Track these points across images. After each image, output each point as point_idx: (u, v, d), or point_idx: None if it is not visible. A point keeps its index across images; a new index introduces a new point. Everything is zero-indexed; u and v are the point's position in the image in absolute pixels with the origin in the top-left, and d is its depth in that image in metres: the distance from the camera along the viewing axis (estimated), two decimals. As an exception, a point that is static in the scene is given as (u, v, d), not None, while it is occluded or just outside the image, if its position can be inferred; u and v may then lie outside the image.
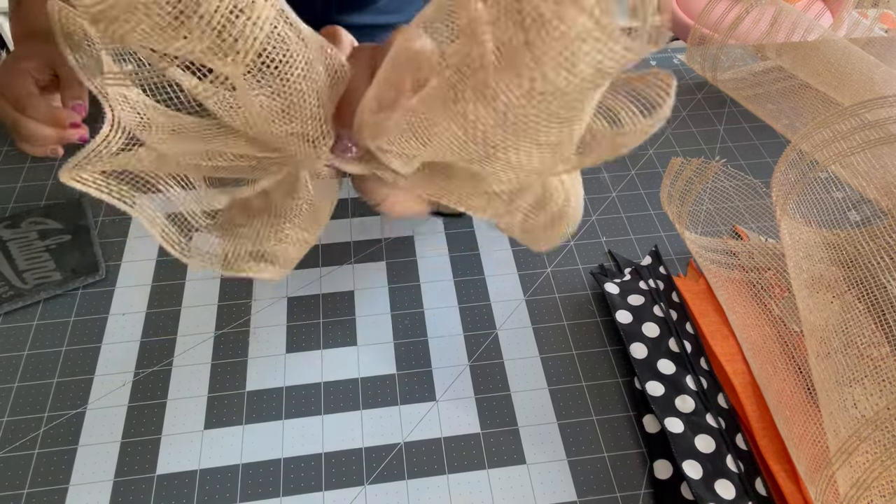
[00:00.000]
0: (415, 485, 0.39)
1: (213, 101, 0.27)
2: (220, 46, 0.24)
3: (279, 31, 0.25)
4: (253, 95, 0.26)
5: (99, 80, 0.31)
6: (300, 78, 0.26)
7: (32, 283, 0.48)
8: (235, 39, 0.24)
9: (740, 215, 0.53)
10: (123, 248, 0.52)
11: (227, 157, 0.32)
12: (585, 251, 0.52)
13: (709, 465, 0.38)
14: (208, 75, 0.26)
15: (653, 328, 0.45)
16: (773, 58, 0.66)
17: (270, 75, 0.25)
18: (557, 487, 0.39)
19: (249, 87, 0.25)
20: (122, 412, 0.42)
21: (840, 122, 0.43)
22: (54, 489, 0.39)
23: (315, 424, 0.42)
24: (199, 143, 0.31)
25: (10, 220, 0.53)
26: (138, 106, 0.31)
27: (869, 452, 0.33)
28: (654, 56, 0.73)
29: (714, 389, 0.42)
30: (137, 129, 0.30)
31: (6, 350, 0.45)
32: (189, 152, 0.31)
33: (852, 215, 0.52)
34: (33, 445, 0.41)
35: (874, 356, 0.37)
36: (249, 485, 0.39)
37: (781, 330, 0.44)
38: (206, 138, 0.31)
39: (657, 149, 0.61)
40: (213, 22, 0.23)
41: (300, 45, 0.26)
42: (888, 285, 0.39)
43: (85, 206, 0.54)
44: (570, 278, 0.50)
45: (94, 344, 0.46)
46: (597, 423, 0.42)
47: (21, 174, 0.58)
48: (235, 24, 0.23)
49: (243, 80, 0.25)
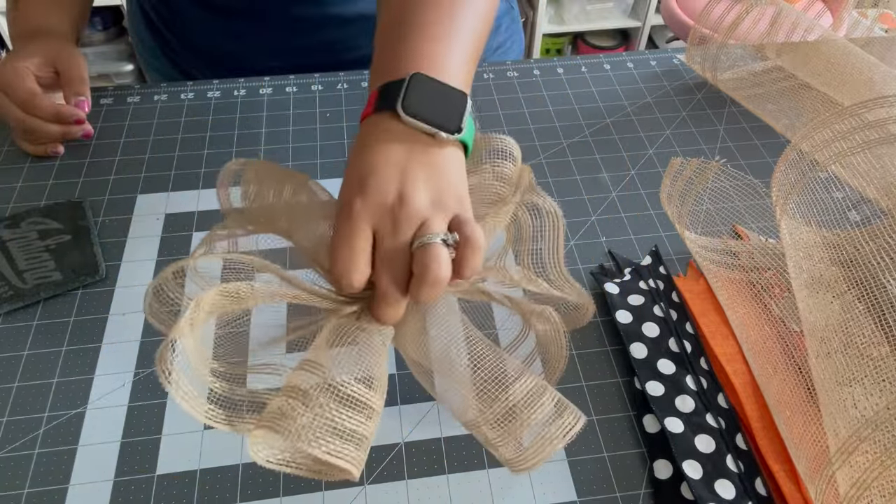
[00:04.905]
0: (415, 485, 0.39)
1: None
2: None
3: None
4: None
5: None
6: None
7: (32, 283, 0.48)
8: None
9: (740, 215, 0.53)
10: (123, 248, 0.52)
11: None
12: (585, 251, 0.52)
13: (709, 465, 0.38)
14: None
15: (653, 328, 0.45)
16: (773, 58, 0.66)
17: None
18: (557, 487, 0.39)
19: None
20: (122, 412, 0.42)
21: (840, 122, 0.43)
22: (54, 489, 0.39)
23: (315, 424, 0.42)
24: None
25: (10, 220, 0.53)
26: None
27: (869, 452, 0.33)
28: (655, 56, 0.73)
29: (714, 389, 0.42)
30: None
31: (6, 350, 0.45)
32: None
33: (852, 215, 0.52)
34: (33, 445, 0.41)
35: (874, 356, 0.37)
36: (249, 485, 0.39)
37: (781, 330, 0.44)
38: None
39: (657, 149, 0.61)
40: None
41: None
42: (888, 285, 0.39)
43: (85, 206, 0.54)
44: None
45: (94, 344, 0.46)
46: (597, 423, 0.42)
47: (21, 174, 0.58)
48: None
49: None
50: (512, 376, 0.33)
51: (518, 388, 0.32)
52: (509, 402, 0.32)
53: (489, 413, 0.32)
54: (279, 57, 0.70)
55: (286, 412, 0.30)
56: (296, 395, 0.30)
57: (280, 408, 0.30)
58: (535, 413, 0.32)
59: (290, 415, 0.30)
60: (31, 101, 0.56)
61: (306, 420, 0.29)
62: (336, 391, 0.30)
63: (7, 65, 0.56)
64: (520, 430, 0.32)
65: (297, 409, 0.30)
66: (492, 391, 0.33)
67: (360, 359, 0.33)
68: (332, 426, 0.30)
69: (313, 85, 0.67)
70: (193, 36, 0.71)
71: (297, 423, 0.29)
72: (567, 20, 2.01)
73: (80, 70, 0.58)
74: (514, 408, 0.32)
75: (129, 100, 0.66)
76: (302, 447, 0.29)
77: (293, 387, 0.31)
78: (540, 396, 0.32)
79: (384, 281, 0.34)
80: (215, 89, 0.67)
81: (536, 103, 0.66)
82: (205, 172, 0.58)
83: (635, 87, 0.68)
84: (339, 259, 0.34)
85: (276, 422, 0.30)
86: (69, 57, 0.58)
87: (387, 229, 0.34)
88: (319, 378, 0.31)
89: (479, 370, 0.34)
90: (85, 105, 0.58)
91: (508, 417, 0.32)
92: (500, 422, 0.32)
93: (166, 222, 0.54)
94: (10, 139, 0.61)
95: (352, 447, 0.30)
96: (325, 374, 0.31)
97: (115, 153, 0.60)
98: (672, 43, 2.03)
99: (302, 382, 0.31)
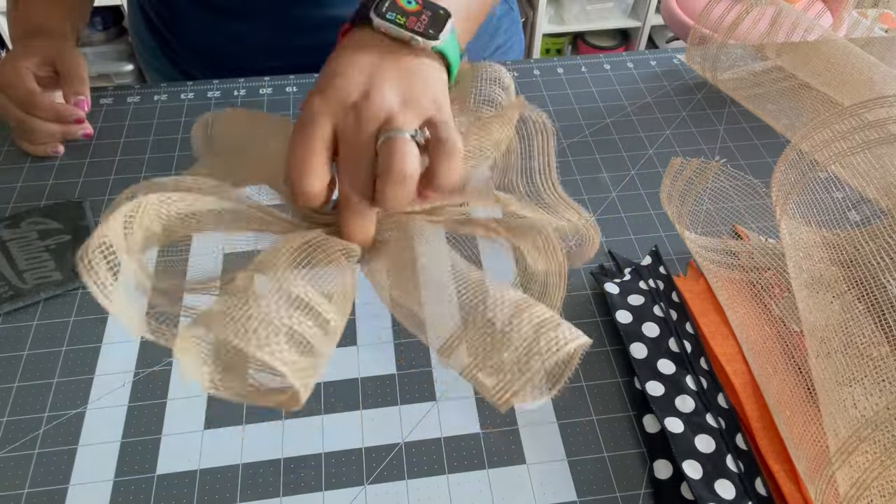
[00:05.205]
0: (415, 485, 0.39)
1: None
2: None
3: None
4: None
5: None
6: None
7: (32, 283, 0.48)
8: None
9: (740, 215, 0.53)
10: (123, 248, 0.52)
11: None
12: (585, 251, 0.52)
13: (709, 465, 0.38)
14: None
15: (653, 328, 0.45)
16: (773, 58, 0.66)
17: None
18: (557, 487, 0.39)
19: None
20: (122, 412, 0.42)
21: (840, 122, 0.43)
22: (54, 489, 0.39)
23: (315, 424, 0.42)
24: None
25: (10, 220, 0.53)
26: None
27: (869, 452, 0.33)
28: (655, 56, 0.73)
29: (714, 389, 0.42)
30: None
31: (6, 350, 0.45)
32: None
33: (852, 215, 0.52)
34: (33, 445, 0.41)
35: (874, 356, 0.37)
36: (249, 485, 0.39)
37: (781, 330, 0.44)
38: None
39: (657, 149, 0.61)
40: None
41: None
42: (888, 285, 0.39)
43: (85, 206, 0.54)
44: (570, 278, 0.50)
45: (94, 344, 0.46)
46: (597, 423, 0.42)
47: (21, 174, 0.58)
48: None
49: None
50: (496, 290, 0.28)
51: (502, 297, 0.28)
52: (489, 313, 0.27)
53: (470, 330, 0.27)
54: (279, 57, 0.70)
55: (227, 311, 0.25)
56: (241, 294, 0.26)
57: (220, 307, 0.26)
58: (520, 323, 0.27)
59: (233, 313, 0.25)
60: (31, 100, 0.56)
61: (251, 317, 0.25)
62: (288, 294, 0.26)
63: (7, 64, 0.56)
64: (501, 345, 0.27)
65: (241, 307, 0.25)
66: (473, 306, 0.28)
67: (318, 271, 0.28)
68: (279, 327, 0.25)
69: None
70: (193, 36, 0.71)
71: (241, 320, 0.25)
72: (567, 20, 2.01)
73: (80, 70, 0.58)
74: (494, 320, 0.27)
75: (129, 100, 0.66)
76: (241, 346, 0.24)
77: (239, 286, 0.27)
78: (528, 308, 0.27)
79: (346, 183, 0.30)
80: (215, 89, 0.67)
81: (536, 103, 0.66)
82: (205, 172, 0.58)
83: (635, 87, 0.68)
84: (293, 162, 0.31)
85: (215, 319, 0.25)
86: (69, 57, 0.58)
87: (349, 126, 0.31)
88: (271, 279, 0.27)
89: (464, 292, 0.29)
90: (85, 105, 0.58)
91: (487, 329, 0.27)
92: (480, 338, 0.27)
93: (166, 222, 0.54)
94: (10, 139, 0.61)
95: (302, 358, 0.26)
96: (278, 275, 0.27)
97: (115, 153, 0.60)
98: (672, 43, 2.03)
99: (245, 281, 0.27)
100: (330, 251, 0.30)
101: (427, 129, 0.31)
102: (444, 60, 0.35)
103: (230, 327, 0.25)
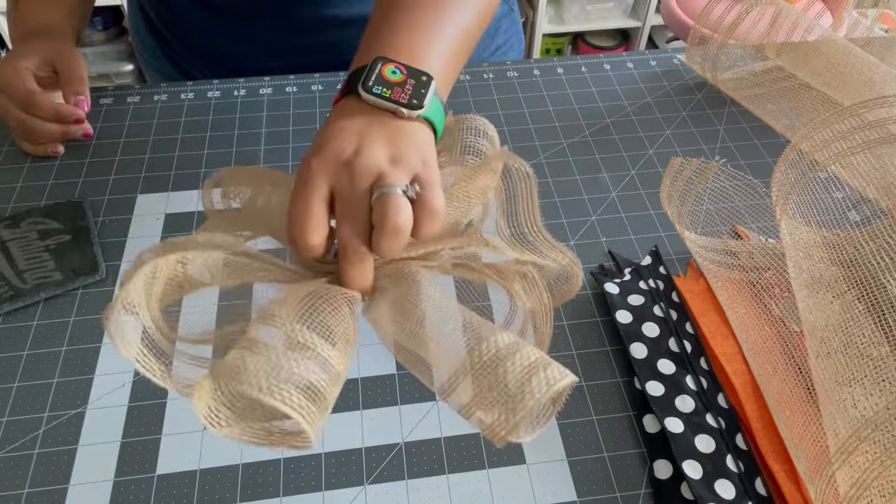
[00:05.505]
0: (415, 485, 0.39)
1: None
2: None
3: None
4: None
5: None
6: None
7: (32, 283, 0.48)
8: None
9: (740, 215, 0.53)
10: (123, 248, 0.52)
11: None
12: (585, 251, 0.52)
13: (709, 465, 0.38)
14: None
15: (653, 328, 0.45)
16: (773, 58, 0.66)
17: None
18: (557, 487, 0.39)
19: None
20: (122, 412, 0.42)
21: (840, 122, 0.43)
22: (54, 489, 0.39)
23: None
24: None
25: (10, 220, 0.53)
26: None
27: (869, 452, 0.33)
28: (655, 56, 0.73)
29: (714, 389, 0.42)
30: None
31: (6, 350, 0.45)
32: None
33: (852, 215, 0.52)
34: (33, 445, 0.41)
35: (874, 356, 0.37)
36: (249, 485, 0.39)
37: (781, 330, 0.44)
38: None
39: (657, 149, 0.61)
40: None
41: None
42: (888, 285, 0.39)
43: (85, 206, 0.54)
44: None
45: (94, 344, 0.46)
46: (597, 423, 0.42)
47: (21, 174, 0.58)
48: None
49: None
50: (490, 334, 0.31)
51: (495, 341, 0.30)
52: (484, 357, 0.30)
53: (467, 372, 0.30)
54: (279, 57, 0.70)
55: (240, 363, 0.28)
56: (250, 346, 0.28)
57: (233, 359, 0.28)
58: (513, 366, 0.29)
59: (245, 365, 0.28)
60: (31, 100, 0.56)
61: (262, 367, 0.27)
62: (296, 344, 0.29)
63: (7, 64, 0.56)
64: (496, 386, 0.29)
65: (251, 358, 0.28)
66: (471, 349, 0.30)
67: (322, 316, 0.31)
68: (288, 375, 0.28)
69: (313, 85, 0.67)
70: (193, 36, 0.71)
71: (252, 371, 0.27)
72: (567, 20, 2.01)
73: (80, 70, 0.58)
74: (489, 362, 0.29)
75: (129, 100, 0.66)
76: (254, 395, 0.27)
77: (249, 338, 0.29)
78: (518, 350, 0.29)
79: (344, 234, 0.33)
80: (215, 89, 0.67)
81: (536, 103, 0.66)
82: (205, 172, 0.58)
83: (635, 87, 0.68)
84: (293, 217, 0.33)
85: (228, 371, 0.28)
86: (69, 57, 0.58)
87: (343, 183, 0.33)
88: (278, 330, 0.29)
89: (460, 335, 0.31)
90: (84, 105, 0.58)
91: (483, 371, 0.29)
92: (476, 379, 0.29)
93: (166, 222, 0.54)
94: (10, 139, 0.61)
95: (310, 402, 0.28)
96: (285, 326, 0.29)
97: (115, 153, 0.60)
98: (672, 43, 2.03)
99: (258, 334, 0.29)
100: (333, 300, 0.32)
101: (414, 184, 0.34)
102: (429, 123, 0.38)
103: (243, 378, 0.27)
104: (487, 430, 0.30)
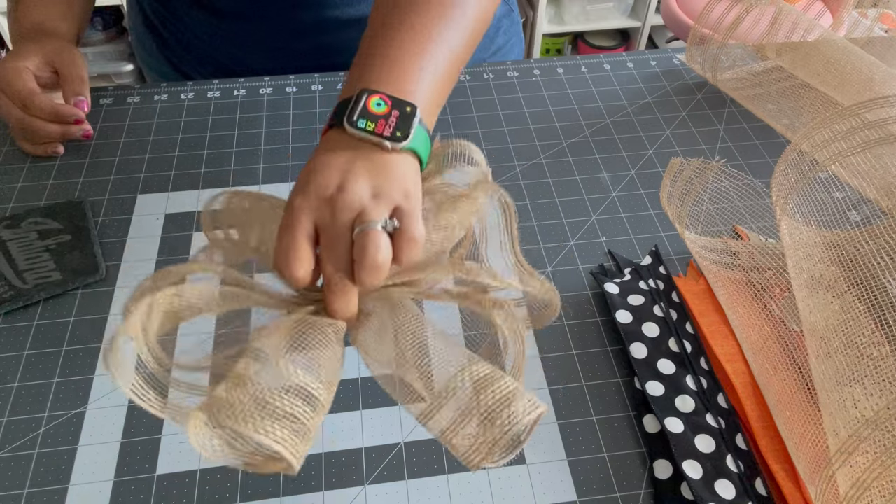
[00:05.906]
0: (415, 485, 0.39)
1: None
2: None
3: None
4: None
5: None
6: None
7: (32, 283, 0.48)
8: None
9: (740, 215, 0.53)
10: (123, 248, 0.52)
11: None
12: (585, 251, 0.52)
13: (709, 465, 0.38)
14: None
15: (653, 328, 0.45)
16: (773, 58, 0.66)
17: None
18: (557, 487, 0.39)
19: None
20: (122, 412, 0.42)
21: (840, 122, 0.43)
22: (54, 489, 0.39)
23: (315, 424, 0.42)
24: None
25: (10, 220, 0.53)
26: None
27: (869, 452, 0.33)
28: (655, 56, 0.73)
29: (714, 389, 0.42)
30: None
31: (6, 350, 0.45)
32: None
33: (852, 215, 0.52)
34: (33, 445, 0.41)
35: (874, 356, 0.37)
36: (249, 485, 0.39)
37: (781, 330, 0.44)
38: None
39: (657, 149, 0.61)
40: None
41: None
42: (888, 285, 0.39)
43: (85, 206, 0.54)
44: (570, 278, 0.50)
45: (94, 344, 0.46)
46: (597, 423, 0.42)
47: (21, 174, 0.58)
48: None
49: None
50: (470, 364, 0.32)
51: (475, 371, 0.32)
52: (463, 385, 0.31)
53: (445, 400, 0.32)
54: (278, 59, 0.70)
55: (228, 398, 0.30)
56: (237, 381, 0.30)
57: (222, 393, 0.30)
58: (489, 396, 0.31)
59: (232, 400, 0.30)
60: (31, 100, 0.56)
61: (248, 403, 0.29)
62: (282, 379, 0.30)
63: (7, 64, 0.56)
64: (473, 415, 0.31)
65: (238, 393, 0.30)
66: (451, 377, 0.32)
67: (307, 350, 0.32)
68: (272, 410, 0.30)
69: (313, 85, 0.68)
70: (193, 37, 0.71)
71: (239, 407, 0.29)
72: (567, 20, 2.01)
73: (80, 70, 0.58)
74: (467, 392, 0.31)
75: (129, 100, 0.66)
76: (240, 429, 0.29)
77: (235, 374, 0.31)
78: (495, 381, 0.31)
79: (328, 269, 0.34)
80: (215, 89, 0.67)
81: (536, 103, 0.66)
82: (205, 172, 0.58)
83: (635, 87, 0.68)
84: (279, 251, 0.35)
85: (219, 405, 0.30)
86: (69, 57, 0.58)
87: (326, 219, 0.35)
88: (262, 365, 0.31)
89: (440, 364, 0.33)
90: (84, 105, 0.58)
91: (461, 400, 0.31)
92: (453, 408, 0.31)
93: (166, 222, 0.54)
94: (10, 139, 0.61)
95: (291, 434, 0.30)
96: (269, 360, 0.31)
97: (115, 153, 0.60)
98: (672, 43, 2.03)
99: (244, 369, 0.31)
100: (319, 331, 0.34)
101: (394, 216, 0.35)
102: (414, 153, 0.39)
103: (230, 413, 0.29)
104: (462, 456, 0.32)
